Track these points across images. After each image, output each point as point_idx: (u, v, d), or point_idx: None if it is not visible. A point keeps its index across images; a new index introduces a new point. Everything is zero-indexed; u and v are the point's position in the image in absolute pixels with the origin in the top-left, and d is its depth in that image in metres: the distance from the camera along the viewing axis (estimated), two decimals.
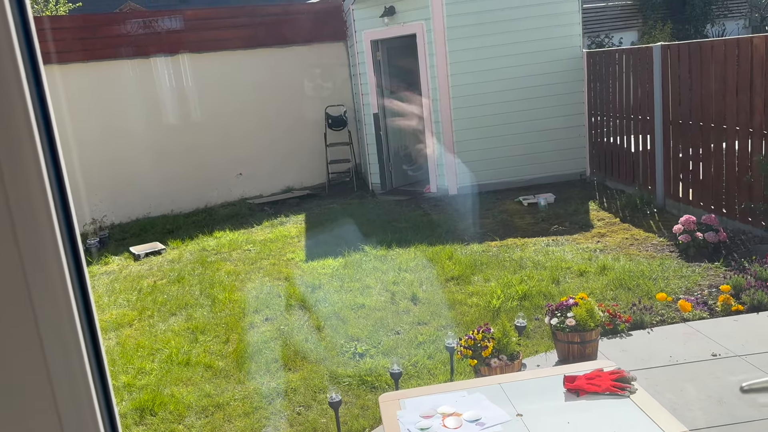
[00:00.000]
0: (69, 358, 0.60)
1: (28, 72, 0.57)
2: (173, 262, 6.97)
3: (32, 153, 0.56)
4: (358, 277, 5.85)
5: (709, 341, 4.11)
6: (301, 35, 9.94)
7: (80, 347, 0.61)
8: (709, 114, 6.18)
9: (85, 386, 0.61)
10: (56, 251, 0.58)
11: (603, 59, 8.25)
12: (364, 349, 4.44)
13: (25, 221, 0.56)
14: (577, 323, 3.85)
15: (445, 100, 8.52)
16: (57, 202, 0.59)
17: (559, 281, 5.30)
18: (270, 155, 9.98)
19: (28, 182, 0.56)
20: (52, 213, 0.57)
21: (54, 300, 0.58)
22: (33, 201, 0.56)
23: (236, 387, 4.14)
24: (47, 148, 0.59)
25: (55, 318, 0.59)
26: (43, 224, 0.57)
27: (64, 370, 0.60)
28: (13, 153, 0.55)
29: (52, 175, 0.59)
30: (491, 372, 3.54)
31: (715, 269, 5.23)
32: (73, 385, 0.61)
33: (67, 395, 0.60)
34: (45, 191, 0.57)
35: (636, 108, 7.50)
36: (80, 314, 0.62)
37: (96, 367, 0.64)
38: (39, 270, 0.57)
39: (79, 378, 0.61)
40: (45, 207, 0.57)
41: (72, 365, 0.60)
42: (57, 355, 0.59)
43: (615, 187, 8.09)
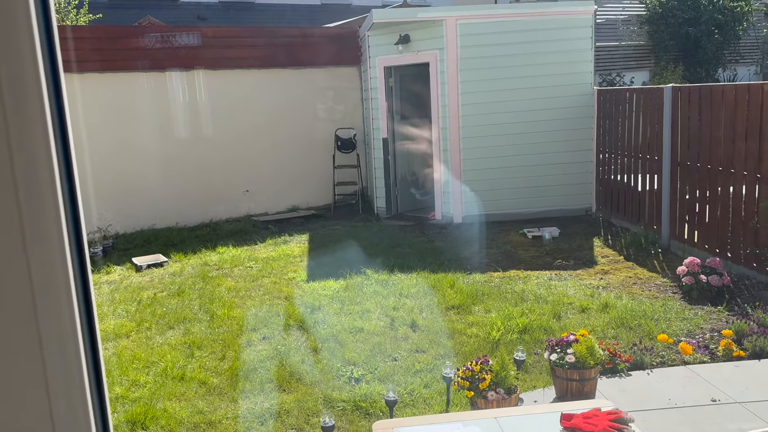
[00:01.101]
0: (68, 364, 0.60)
1: (48, 80, 0.57)
2: (174, 275, 6.96)
3: (47, 158, 0.57)
4: (359, 300, 5.83)
5: (709, 386, 4.06)
6: (316, 58, 10.06)
7: (80, 355, 0.61)
8: (718, 157, 6.19)
9: (82, 394, 0.61)
10: (63, 259, 0.58)
11: (613, 97, 8.31)
12: (361, 374, 4.41)
13: (35, 227, 0.56)
14: (576, 360, 3.82)
15: (455, 128, 8.57)
16: (68, 209, 0.59)
17: (560, 316, 5.27)
18: (278, 174, 10.03)
19: (41, 187, 0.56)
20: (62, 220, 0.58)
21: (57, 306, 0.59)
22: (44, 206, 0.56)
23: (229, 405, 4.11)
24: (62, 155, 0.60)
25: (56, 324, 0.59)
26: (52, 231, 0.57)
27: (62, 376, 0.60)
28: (28, 158, 0.56)
29: (64, 181, 0.59)
30: (488, 405, 3.51)
31: (717, 313, 5.19)
32: (70, 392, 0.61)
33: (63, 402, 0.60)
34: (56, 196, 0.57)
35: (644, 147, 7.52)
36: (82, 323, 0.62)
37: (94, 376, 0.64)
38: (45, 278, 0.57)
39: (76, 385, 0.61)
40: (55, 213, 0.57)
41: (70, 371, 0.60)
42: (56, 361, 0.59)
43: (620, 224, 8.08)
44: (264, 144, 9.91)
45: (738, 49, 15.28)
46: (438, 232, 8.33)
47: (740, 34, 14.91)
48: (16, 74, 0.53)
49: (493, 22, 8.51)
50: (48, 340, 0.58)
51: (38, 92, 0.56)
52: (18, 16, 0.51)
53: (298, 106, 10.07)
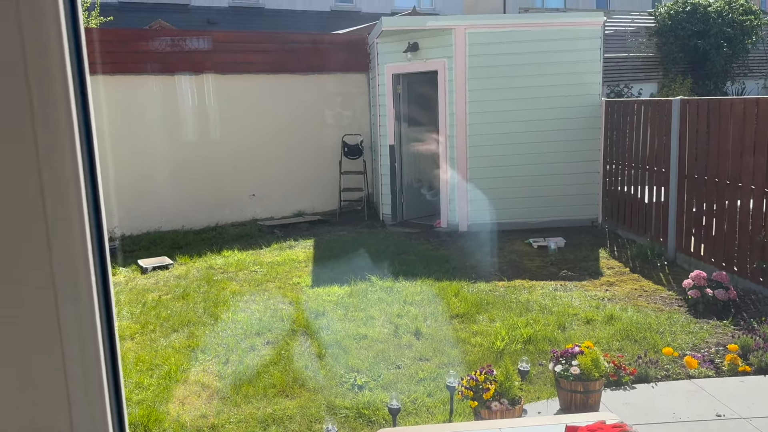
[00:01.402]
0: (87, 360, 0.61)
1: (75, 83, 0.58)
2: (180, 277, 6.97)
3: (72, 162, 0.57)
4: (363, 307, 5.83)
5: (714, 401, 4.04)
6: (324, 64, 10.10)
7: (99, 351, 0.61)
8: (725, 171, 6.18)
9: (100, 391, 0.62)
10: (86, 257, 0.59)
11: (621, 109, 8.30)
12: (364, 381, 4.40)
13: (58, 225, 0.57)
14: (581, 372, 3.80)
15: (462, 137, 8.58)
16: (90, 208, 0.60)
17: (565, 327, 5.25)
18: (284, 179, 10.05)
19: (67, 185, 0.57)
20: (85, 220, 0.58)
21: (78, 304, 0.59)
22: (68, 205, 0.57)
23: (232, 409, 4.10)
24: (86, 158, 0.61)
25: (77, 321, 0.59)
26: (76, 230, 0.58)
27: (82, 372, 0.60)
28: (54, 161, 0.56)
29: (88, 181, 0.60)
30: (491, 415, 3.49)
31: (723, 327, 5.16)
32: (89, 388, 0.61)
33: (82, 397, 0.61)
34: (80, 195, 0.58)
35: (652, 159, 7.51)
36: (102, 320, 0.62)
37: (111, 373, 0.65)
38: (67, 276, 0.58)
39: (95, 381, 0.61)
40: (79, 212, 0.58)
41: (89, 368, 0.61)
42: (76, 356, 0.60)
43: (626, 236, 8.06)
44: (271, 148, 9.94)
45: (747, 62, 15.25)
46: (443, 240, 8.33)
47: (749, 47, 14.89)
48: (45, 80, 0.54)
49: (501, 31, 8.53)
50: (69, 340, 0.59)
51: (66, 96, 0.56)
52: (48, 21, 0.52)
53: (305, 112, 10.10)
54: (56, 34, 0.52)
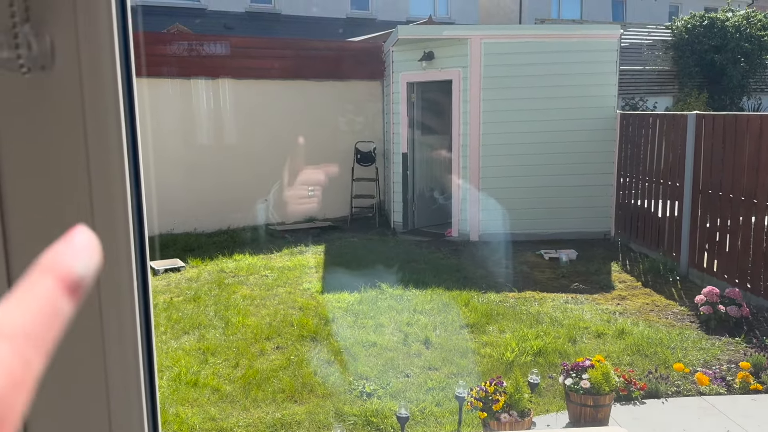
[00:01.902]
0: (126, 354, 0.62)
1: (123, 84, 0.60)
2: (191, 280, 7.02)
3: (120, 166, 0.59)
4: (372, 314, 5.83)
5: (725, 418, 4.00)
6: (339, 71, 10.15)
7: (138, 353, 0.63)
8: (740, 187, 6.14)
9: (137, 380, 0.64)
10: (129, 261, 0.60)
11: (636, 122, 8.28)
12: (372, 389, 4.40)
13: (106, 237, 0.59)
14: (591, 386, 3.79)
15: (475, 146, 8.58)
16: (134, 214, 0.62)
17: (575, 340, 5.23)
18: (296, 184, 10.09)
19: (114, 199, 0.59)
20: (130, 230, 0.60)
21: (120, 302, 0.61)
22: (115, 218, 0.59)
23: (241, 413, 4.12)
24: (132, 164, 0.62)
25: (119, 320, 0.61)
26: (121, 240, 0.60)
27: (120, 366, 0.62)
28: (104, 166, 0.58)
29: (132, 186, 0.62)
30: (500, 427, 3.49)
31: (735, 344, 5.12)
32: (126, 378, 0.63)
33: (120, 388, 0.63)
34: (126, 206, 0.60)
35: (666, 173, 7.48)
36: (141, 322, 0.64)
37: (147, 368, 0.66)
38: (112, 279, 0.60)
39: (132, 372, 0.63)
40: (125, 223, 0.60)
41: (127, 360, 0.63)
42: (116, 356, 0.62)
43: (639, 250, 8.02)
44: (284, 154, 9.99)
45: (764, 77, 15.16)
46: (454, 250, 8.32)
47: (766, 62, 14.80)
48: (98, 91, 0.56)
49: (517, 42, 8.54)
50: (110, 340, 0.60)
51: (116, 108, 0.58)
52: (102, 36, 0.54)
53: (319, 118, 10.15)
54: (108, 39, 0.54)
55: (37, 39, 0.48)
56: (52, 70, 0.51)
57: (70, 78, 0.53)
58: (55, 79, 0.52)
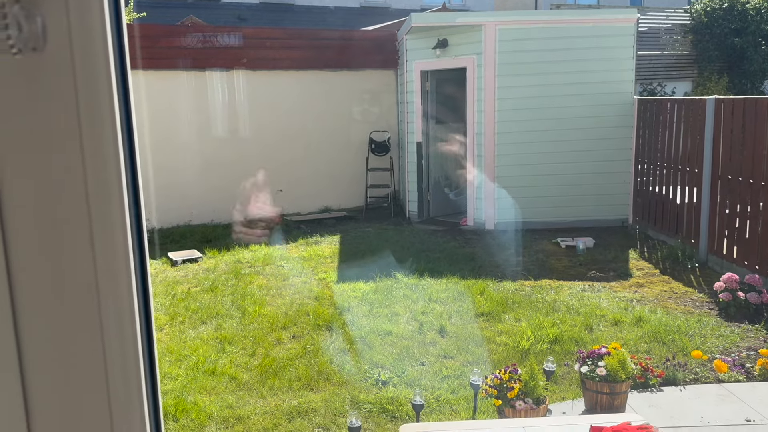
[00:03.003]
0: (125, 349, 0.63)
1: (117, 77, 0.60)
2: (209, 270, 7.08)
3: (115, 154, 0.59)
4: (388, 303, 5.85)
5: (744, 405, 3.96)
6: (353, 61, 10.13)
7: (136, 339, 0.63)
8: (761, 172, 6.04)
9: (137, 376, 0.64)
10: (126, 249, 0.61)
11: (654, 107, 8.17)
12: (388, 377, 4.42)
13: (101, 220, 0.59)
14: (607, 373, 3.77)
15: (490, 134, 8.53)
16: (131, 205, 0.62)
17: (592, 328, 5.20)
18: (311, 174, 10.12)
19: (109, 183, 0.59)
20: (126, 213, 0.61)
21: (118, 297, 0.61)
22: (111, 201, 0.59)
23: (258, 401, 4.16)
24: (128, 151, 0.63)
25: (118, 313, 0.61)
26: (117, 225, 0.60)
27: (120, 360, 0.63)
28: (98, 154, 0.58)
29: (129, 177, 0.62)
30: (515, 414, 3.48)
31: (755, 331, 5.06)
32: (126, 374, 0.63)
33: (120, 384, 0.63)
34: (122, 193, 0.60)
35: (685, 159, 7.38)
36: (140, 310, 0.65)
37: (148, 361, 0.67)
38: (109, 268, 0.60)
39: (132, 367, 0.64)
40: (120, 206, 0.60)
41: (127, 355, 0.63)
42: (115, 347, 0.62)
43: (657, 237, 7.93)
44: (299, 144, 10.01)
45: None
46: (469, 238, 8.30)
47: None
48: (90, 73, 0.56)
49: (532, 28, 8.44)
50: (110, 335, 0.61)
51: (109, 92, 0.58)
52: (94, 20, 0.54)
53: (333, 108, 10.15)
54: (100, 22, 0.54)
55: (28, 20, 0.49)
56: (44, 52, 0.51)
57: (62, 60, 0.53)
58: (47, 61, 0.53)
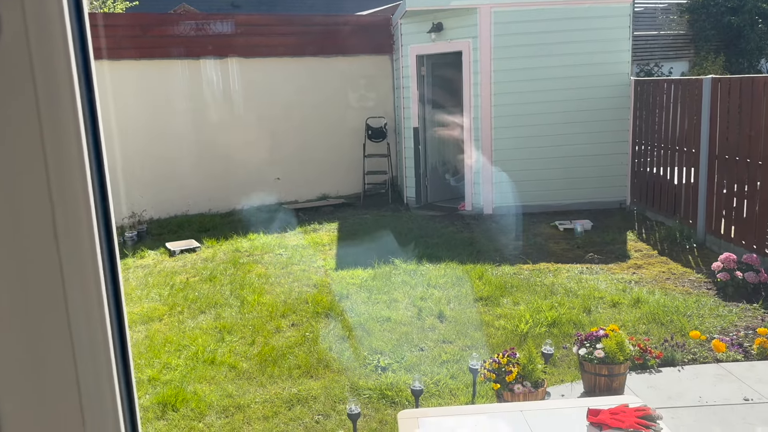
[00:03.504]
0: (96, 350, 0.61)
1: (79, 67, 0.58)
2: (207, 260, 7.08)
3: (77, 147, 0.58)
4: (386, 289, 5.85)
5: (742, 385, 3.98)
6: (348, 46, 10.06)
7: (108, 341, 0.62)
8: (758, 151, 6.02)
9: (110, 382, 0.63)
10: (92, 245, 0.59)
11: (651, 88, 8.13)
12: (387, 363, 4.43)
13: (65, 214, 0.57)
14: (606, 355, 3.78)
15: (487, 118, 8.49)
16: (97, 197, 0.60)
17: (590, 310, 5.21)
18: (308, 162, 10.08)
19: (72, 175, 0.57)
20: (92, 208, 0.59)
21: (86, 294, 0.60)
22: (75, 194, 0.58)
23: (258, 390, 4.17)
24: (92, 143, 0.61)
25: (86, 314, 0.60)
26: (82, 218, 0.58)
27: (91, 363, 0.61)
28: (59, 147, 0.57)
29: (94, 169, 0.60)
30: (514, 398, 3.50)
31: (753, 311, 5.07)
32: (98, 381, 0.62)
33: (92, 390, 0.62)
34: (86, 184, 0.58)
35: (682, 140, 7.35)
36: (111, 310, 0.63)
37: (122, 364, 0.65)
38: (75, 263, 0.59)
39: (104, 373, 0.62)
40: (85, 201, 0.58)
41: (98, 358, 0.62)
42: (85, 347, 0.61)
43: (655, 218, 7.93)
44: (295, 132, 9.97)
45: None
46: (468, 223, 8.29)
47: None
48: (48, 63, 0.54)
49: (528, 9, 8.37)
50: (78, 335, 0.60)
51: (70, 81, 0.56)
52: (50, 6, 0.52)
53: (329, 95, 10.09)
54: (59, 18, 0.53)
55: None
56: None
57: (18, 50, 0.52)
58: (2, 52, 0.51)
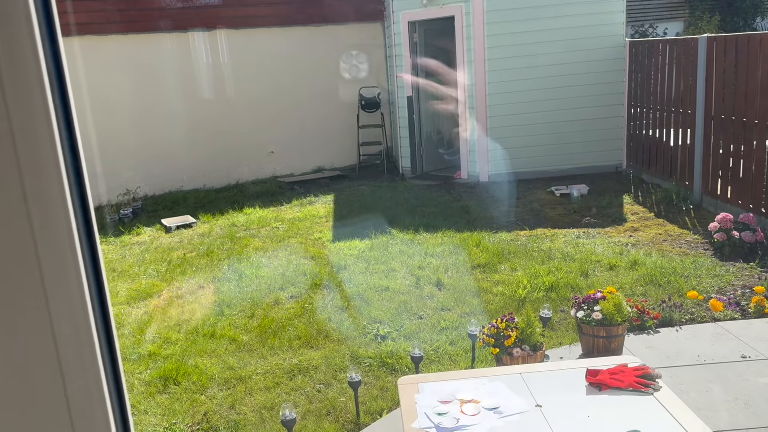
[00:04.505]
0: (81, 347, 0.59)
1: (45, 42, 0.55)
2: (203, 235, 7.06)
3: (48, 128, 0.55)
4: (384, 259, 5.85)
5: (740, 342, 4.01)
6: (338, 14, 9.90)
7: (91, 332, 0.60)
8: (754, 110, 5.98)
9: (96, 378, 0.61)
10: (69, 229, 0.57)
11: (646, 49, 8.04)
12: (386, 332, 4.45)
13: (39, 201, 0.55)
14: (603, 317, 3.79)
15: (481, 85, 8.41)
16: (72, 181, 0.58)
17: (587, 274, 5.22)
18: (302, 134, 10.01)
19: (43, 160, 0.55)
20: (66, 193, 0.56)
21: (66, 282, 0.57)
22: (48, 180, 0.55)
23: (259, 361, 4.19)
24: (63, 123, 0.58)
25: (66, 299, 0.58)
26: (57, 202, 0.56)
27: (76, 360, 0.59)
28: (29, 132, 0.54)
29: (67, 152, 0.58)
30: (513, 361, 3.52)
31: (750, 270, 5.09)
32: (86, 378, 0.60)
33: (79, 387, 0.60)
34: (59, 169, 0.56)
35: (677, 101, 7.30)
36: (92, 295, 0.61)
37: (108, 354, 0.63)
38: (52, 249, 0.56)
39: (91, 369, 0.60)
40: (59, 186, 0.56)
41: (83, 353, 0.60)
42: (69, 345, 0.59)
43: (651, 181, 7.92)
44: (288, 104, 9.87)
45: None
46: (464, 192, 8.27)
47: None
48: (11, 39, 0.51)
49: None
50: (60, 325, 0.58)
51: (35, 58, 0.53)
52: None
53: (320, 65, 9.97)
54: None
55: None
56: None
57: None
58: None
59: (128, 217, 7.98)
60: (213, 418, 3.62)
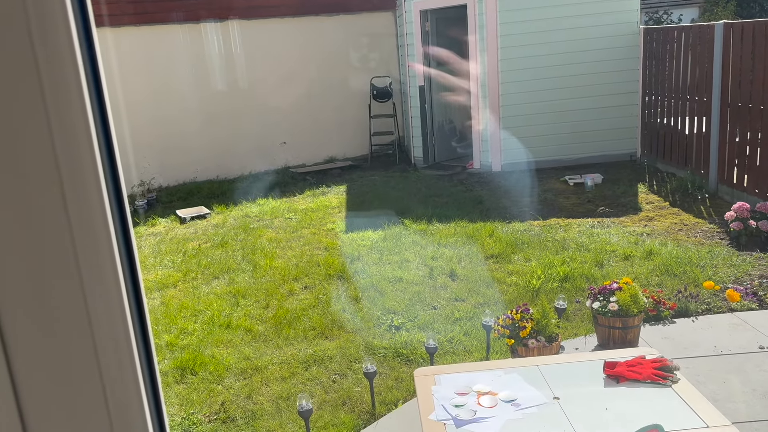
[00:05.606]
0: (114, 321, 0.60)
1: (80, 34, 0.56)
2: (217, 226, 7.10)
3: (83, 118, 0.56)
4: (397, 250, 5.86)
5: (757, 333, 3.98)
6: (349, 3, 9.86)
7: (125, 313, 0.60)
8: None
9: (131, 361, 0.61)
10: (104, 215, 0.57)
11: (661, 36, 7.94)
12: (401, 322, 4.46)
13: (74, 186, 0.56)
14: (619, 308, 3.78)
15: (493, 74, 8.35)
16: (106, 167, 0.58)
17: (602, 264, 5.20)
18: (314, 125, 10.00)
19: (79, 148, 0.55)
20: (101, 178, 0.57)
21: (100, 266, 0.58)
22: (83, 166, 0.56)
23: (274, 351, 4.23)
24: (98, 113, 0.58)
25: (102, 285, 0.58)
26: (92, 187, 0.57)
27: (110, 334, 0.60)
28: (65, 118, 0.55)
29: (101, 140, 0.58)
30: (528, 353, 3.52)
31: (767, 259, 5.04)
32: (120, 358, 0.61)
33: (114, 366, 0.60)
34: (94, 155, 0.56)
35: (693, 88, 7.21)
36: (126, 280, 0.61)
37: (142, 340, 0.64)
38: (87, 234, 0.57)
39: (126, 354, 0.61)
40: (94, 171, 0.56)
41: (118, 332, 0.60)
42: (103, 321, 0.59)
43: (666, 169, 7.85)
44: (300, 95, 9.86)
45: None
46: (476, 182, 8.24)
47: None
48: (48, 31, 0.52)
49: None
50: (94, 302, 0.58)
51: (71, 50, 0.54)
52: None
53: (332, 55, 9.94)
54: None
55: None
56: None
57: (15, 17, 0.49)
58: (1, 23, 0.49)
59: (143, 208, 8.04)
60: (230, 408, 3.66)
